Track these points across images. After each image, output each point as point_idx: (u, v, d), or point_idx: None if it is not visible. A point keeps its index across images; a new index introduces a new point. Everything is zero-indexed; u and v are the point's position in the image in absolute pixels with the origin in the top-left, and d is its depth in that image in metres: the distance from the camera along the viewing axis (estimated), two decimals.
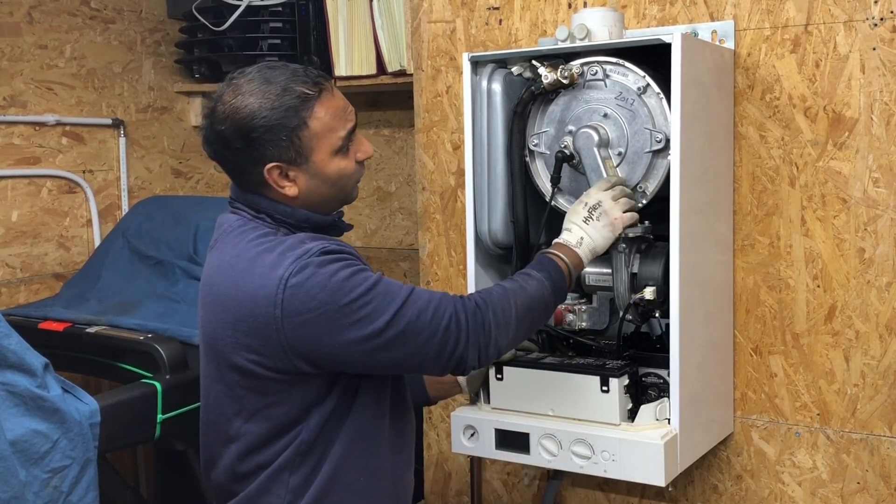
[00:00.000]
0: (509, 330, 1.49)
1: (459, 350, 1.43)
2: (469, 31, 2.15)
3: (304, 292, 1.37)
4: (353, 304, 1.38)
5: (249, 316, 1.40)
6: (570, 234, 1.61)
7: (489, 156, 1.80)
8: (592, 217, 1.61)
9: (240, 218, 1.51)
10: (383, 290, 1.41)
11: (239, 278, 1.42)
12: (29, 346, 1.70)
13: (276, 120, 1.42)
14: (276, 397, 1.45)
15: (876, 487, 1.79)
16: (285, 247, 1.42)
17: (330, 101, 1.47)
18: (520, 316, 1.50)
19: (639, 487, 2.03)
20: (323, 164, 1.47)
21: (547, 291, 1.54)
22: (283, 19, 2.95)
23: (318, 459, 1.47)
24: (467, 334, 1.43)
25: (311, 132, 1.45)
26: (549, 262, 1.57)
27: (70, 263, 2.83)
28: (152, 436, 2.04)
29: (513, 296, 1.50)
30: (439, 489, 2.34)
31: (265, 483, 1.48)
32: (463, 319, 1.43)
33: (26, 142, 2.72)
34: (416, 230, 2.85)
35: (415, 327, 1.40)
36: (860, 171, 1.74)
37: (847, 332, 1.78)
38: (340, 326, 1.38)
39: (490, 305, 1.47)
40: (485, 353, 1.46)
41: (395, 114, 3.24)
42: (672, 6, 1.89)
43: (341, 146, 1.48)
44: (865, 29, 1.71)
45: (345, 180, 1.51)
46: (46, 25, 2.77)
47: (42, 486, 1.68)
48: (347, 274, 1.39)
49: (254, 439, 1.48)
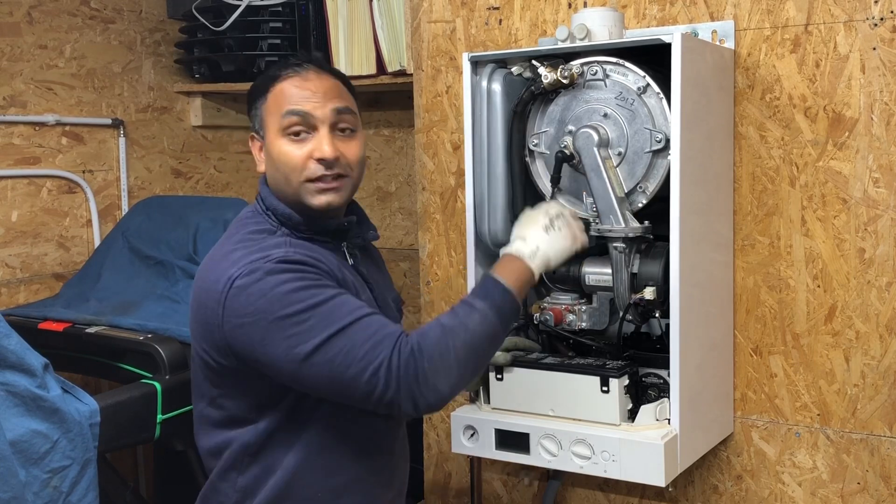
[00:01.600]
0: (450, 374, 1.38)
1: (389, 395, 1.34)
2: (469, 31, 2.15)
3: (245, 296, 1.37)
4: (288, 319, 1.35)
5: (203, 307, 1.43)
6: (523, 244, 1.52)
7: (489, 156, 1.80)
8: (554, 226, 1.55)
9: (254, 210, 1.54)
10: (326, 311, 1.35)
11: (208, 269, 1.45)
12: (29, 346, 1.70)
13: (254, 89, 1.53)
14: (227, 389, 1.47)
15: (876, 487, 1.79)
16: (256, 248, 1.42)
17: (297, 82, 1.48)
18: (460, 357, 1.38)
19: (639, 487, 2.03)
20: (270, 142, 1.49)
21: (492, 323, 1.43)
22: (283, 19, 2.95)
23: (268, 465, 1.47)
24: (398, 382, 1.34)
25: (266, 106, 1.50)
26: (493, 287, 1.46)
27: (70, 263, 2.83)
28: (152, 436, 2.04)
29: (451, 337, 1.39)
30: (439, 489, 2.34)
31: (214, 481, 1.51)
32: (395, 366, 1.34)
33: (26, 142, 2.72)
34: (416, 230, 2.85)
35: (343, 360, 1.34)
36: (860, 171, 1.74)
37: (847, 333, 1.78)
38: (273, 338, 1.35)
39: (425, 353, 1.36)
40: (422, 400, 1.36)
41: (395, 114, 3.24)
42: (672, 6, 1.89)
43: (284, 127, 1.47)
44: (865, 29, 1.71)
45: (287, 169, 1.47)
46: (46, 25, 2.77)
47: (42, 486, 1.68)
48: (293, 287, 1.36)
49: (210, 426, 1.51)
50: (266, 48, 2.96)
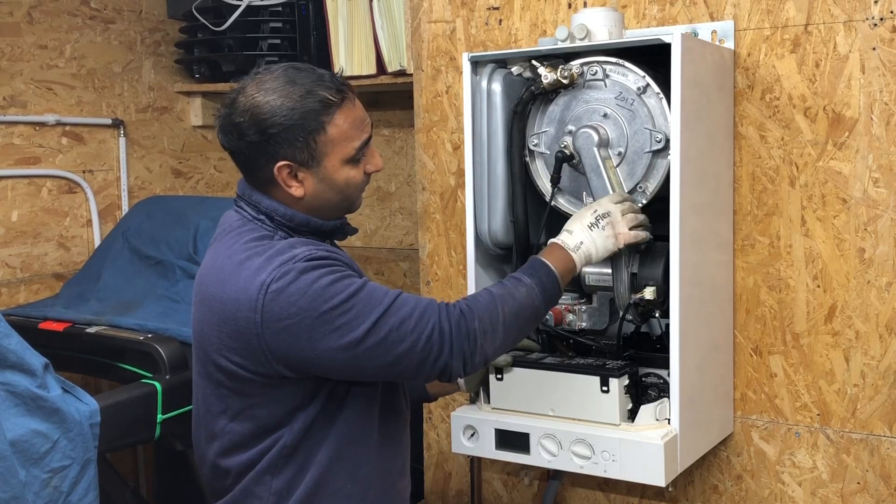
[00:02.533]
0: (496, 337, 1.47)
1: (443, 359, 1.42)
2: (469, 31, 2.15)
3: (284, 298, 1.37)
4: (333, 311, 1.37)
5: (232, 319, 1.41)
6: (569, 237, 1.60)
7: (489, 156, 1.80)
8: (599, 225, 1.60)
9: (240, 217, 1.52)
10: (366, 297, 1.40)
11: (226, 280, 1.43)
12: (29, 346, 1.70)
13: (295, 120, 1.43)
14: (259, 399, 1.46)
15: (876, 487, 1.79)
16: (273, 251, 1.42)
17: (351, 110, 1.48)
18: (507, 323, 1.48)
19: (639, 487, 2.03)
20: (333, 171, 1.48)
21: (537, 298, 1.52)
22: (283, 19, 2.95)
23: (302, 463, 1.47)
24: (451, 343, 1.42)
25: (328, 138, 1.46)
26: (540, 267, 1.55)
27: (70, 263, 2.83)
28: (152, 436, 2.04)
29: (500, 302, 1.48)
30: (439, 489, 2.34)
31: (248, 485, 1.49)
32: (447, 328, 1.42)
33: (26, 142, 2.72)
34: (416, 230, 2.85)
35: (396, 336, 1.39)
36: (860, 171, 1.74)
37: (847, 332, 1.78)
38: (320, 333, 1.37)
39: (476, 313, 1.45)
40: (470, 361, 1.44)
41: (395, 114, 3.23)
42: (672, 6, 1.89)
43: (354, 156, 1.48)
44: (865, 29, 1.71)
45: (351, 189, 1.51)
46: (46, 25, 2.77)
47: (42, 486, 1.68)
48: (329, 280, 1.38)
49: (237, 438, 1.49)
50: (266, 48, 2.96)
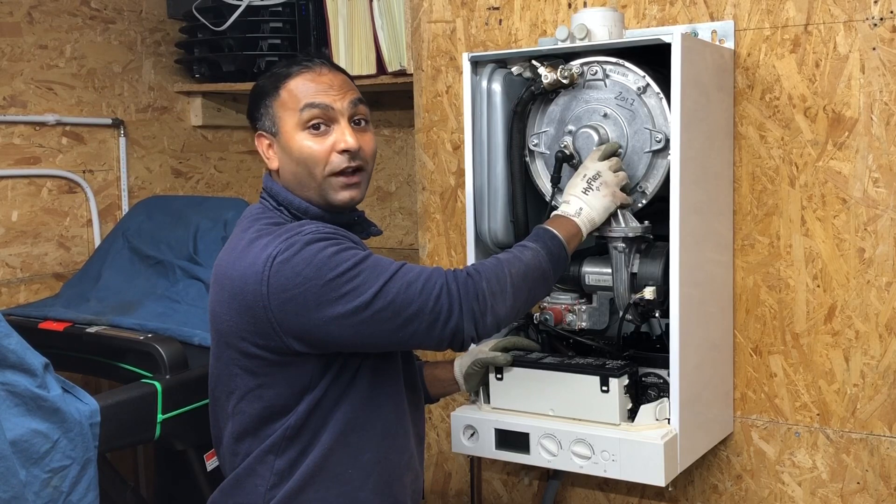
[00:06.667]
0: (506, 298, 1.47)
1: (453, 321, 1.41)
2: (469, 31, 2.15)
3: (289, 268, 1.38)
4: (339, 279, 1.38)
5: (240, 294, 1.42)
6: (567, 206, 1.62)
7: (489, 156, 1.80)
8: (592, 188, 1.61)
9: (262, 207, 1.55)
10: (371, 264, 1.41)
11: (236, 259, 1.45)
12: (29, 346, 1.70)
13: (261, 86, 1.54)
14: (267, 378, 1.46)
15: (876, 487, 1.79)
16: (283, 230, 1.44)
17: (310, 76, 1.50)
18: (515, 283, 1.48)
19: (639, 487, 2.03)
20: (288, 138, 1.50)
21: (543, 259, 1.53)
22: (283, 19, 2.95)
23: (305, 445, 1.48)
24: (460, 304, 1.42)
25: (280, 101, 1.50)
26: (544, 233, 1.57)
27: (70, 263, 2.83)
28: (152, 436, 2.04)
29: (507, 265, 1.49)
30: (439, 489, 2.34)
31: (252, 464, 1.50)
32: (454, 289, 1.42)
33: (26, 142, 2.72)
34: (416, 230, 2.85)
35: (405, 298, 1.39)
36: (860, 171, 1.74)
37: (847, 332, 1.78)
38: (327, 301, 1.38)
39: (483, 274, 1.45)
40: (482, 322, 1.44)
41: (395, 114, 3.23)
42: (672, 6, 1.89)
43: (304, 121, 1.49)
44: (865, 29, 1.71)
45: (310, 163, 1.49)
46: (46, 25, 2.77)
47: (42, 485, 1.68)
48: (334, 251, 1.40)
49: (247, 419, 1.50)
50: (266, 48, 2.96)
